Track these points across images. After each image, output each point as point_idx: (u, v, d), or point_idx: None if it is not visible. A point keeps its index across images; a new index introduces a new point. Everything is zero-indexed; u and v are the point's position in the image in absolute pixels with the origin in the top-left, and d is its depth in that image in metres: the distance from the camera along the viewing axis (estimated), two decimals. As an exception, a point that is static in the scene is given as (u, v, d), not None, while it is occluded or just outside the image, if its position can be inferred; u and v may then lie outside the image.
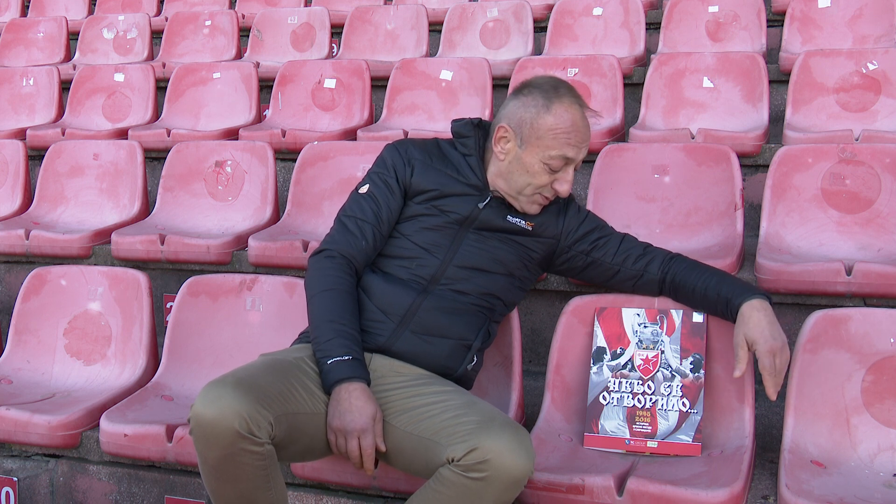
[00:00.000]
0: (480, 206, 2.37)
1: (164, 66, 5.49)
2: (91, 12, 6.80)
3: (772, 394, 2.21)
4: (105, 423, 2.61)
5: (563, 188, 2.33)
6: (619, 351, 2.46)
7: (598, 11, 5.05)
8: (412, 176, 2.38)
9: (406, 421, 2.13)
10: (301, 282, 2.64)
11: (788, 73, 4.06)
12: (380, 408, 2.13)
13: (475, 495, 1.96)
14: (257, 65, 5.15)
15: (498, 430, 1.97)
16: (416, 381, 2.23)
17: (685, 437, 2.34)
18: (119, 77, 5.05)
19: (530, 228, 2.40)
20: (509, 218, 2.38)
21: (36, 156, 4.48)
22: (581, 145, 2.31)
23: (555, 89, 2.32)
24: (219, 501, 2.09)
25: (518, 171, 2.33)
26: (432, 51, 5.40)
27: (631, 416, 2.39)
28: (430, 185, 2.37)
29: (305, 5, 6.14)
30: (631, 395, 2.41)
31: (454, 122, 2.47)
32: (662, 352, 2.43)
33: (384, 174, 2.41)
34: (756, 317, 2.24)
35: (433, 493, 2.01)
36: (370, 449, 2.09)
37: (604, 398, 2.42)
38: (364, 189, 2.40)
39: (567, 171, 2.32)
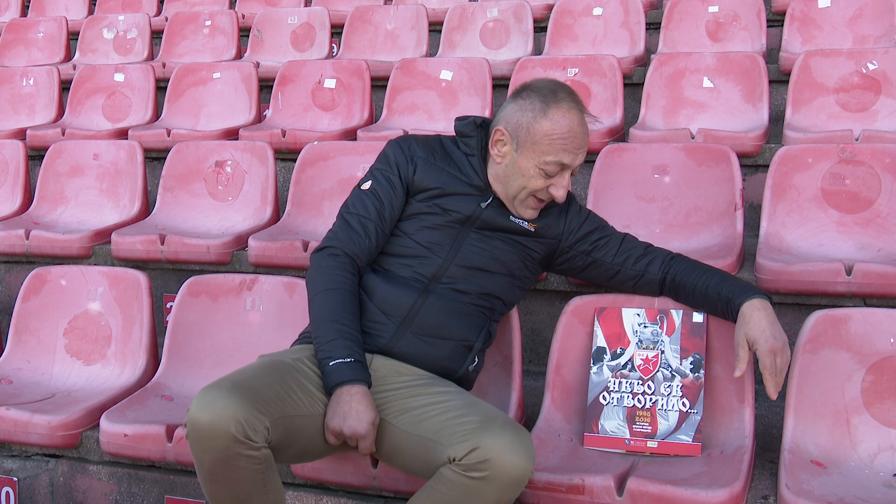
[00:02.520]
0: (483, 205, 2.37)
1: (164, 66, 5.49)
2: (91, 12, 6.80)
3: (772, 393, 2.21)
4: (105, 423, 2.61)
5: (559, 193, 2.32)
6: (619, 351, 2.46)
7: (598, 11, 5.05)
8: (415, 173, 2.38)
9: (406, 421, 2.13)
10: (301, 282, 2.64)
11: (788, 73, 4.06)
12: (378, 413, 2.13)
13: (476, 495, 1.96)
14: (257, 65, 5.15)
15: (499, 430, 1.97)
16: (417, 381, 2.23)
17: (685, 437, 2.34)
18: (119, 77, 5.05)
19: (532, 229, 2.40)
20: (512, 218, 2.38)
21: (36, 156, 4.48)
22: (578, 151, 2.29)
23: (553, 93, 2.30)
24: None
25: (514, 174, 2.32)
26: (432, 51, 5.40)
27: (631, 416, 2.39)
28: (432, 183, 2.37)
29: (305, 5, 6.14)
30: (631, 395, 2.41)
31: (457, 119, 2.47)
32: (662, 352, 2.42)
33: (387, 171, 2.40)
34: (757, 316, 2.23)
35: (434, 492, 2.01)
36: (366, 451, 2.10)
37: (604, 398, 2.42)
38: (367, 185, 2.39)
39: (563, 175, 2.31)
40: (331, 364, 2.13)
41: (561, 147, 2.27)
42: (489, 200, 2.37)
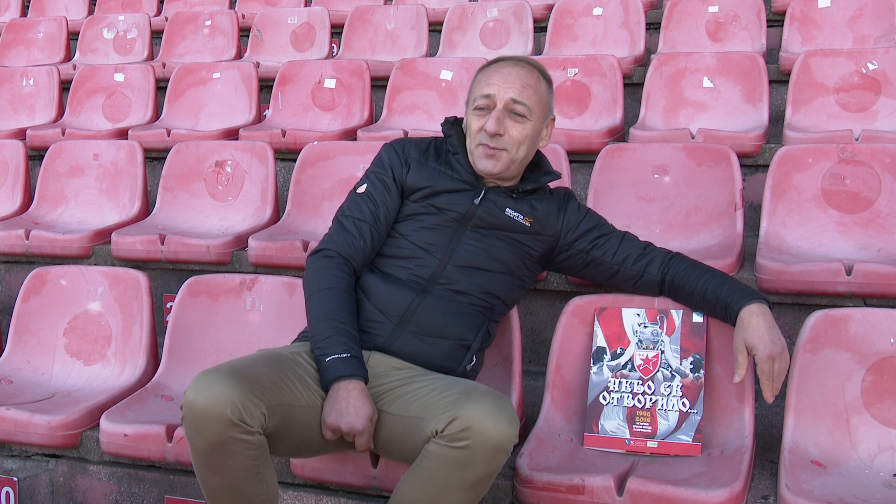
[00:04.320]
0: (476, 201, 2.37)
1: (164, 66, 5.49)
2: (91, 12, 6.81)
3: (768, 397, 2.22)
4: (105, 423, 2.61)
5: (489, 125, 2.32)
6: (619, 351, 2.46)
7: (598, 11, 5.05)
8: (408, 174, 2.40)
9: (398, 406, 2.15)
10: (301, 282, 2.64)
11: (788, 73, 4.06)
12: (375, 408, 2.13)
13: (461, 465, 1.96)
14: (257, 65, 5.15)
15: (479, 399, 1.98)
16: (413, 374, 2.23)
17: (685, 437, 2.34)
18: (119, 77, 5.05)
19: (528, 224, 2.40)
20: (508, 211, 2.38)
21: (36, 156, 4.47)
22: (503, 84, 2.33)
23: (498, 58, 2.43)
24: (209, 492, 2.09)
25: (468, 132, 2.39)
26: (432, 51, 5.40)
27: (631, 416, 2.39)
28: (423, 182, 2.38)
29: (305, 5, 6.14)
30: (631, 395, 2.41)
31: (442, 123, 2.50)
32: (662, 352, 2.42)
33: (381, 174, 2.42)
34: (755, 322, 2.23)
35: (421, 469, 2.02)
36: (363, 448, 2.11)
37: (604, 398, 2.42)
38: (362, 189, 2.41)
39: (494, 112, 2.32)
40: (327, 360, 2.14)
41: (485, 83, 2.36)
42: (482, 195, 2.38)
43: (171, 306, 2.92)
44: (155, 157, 4.39)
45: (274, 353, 2.20)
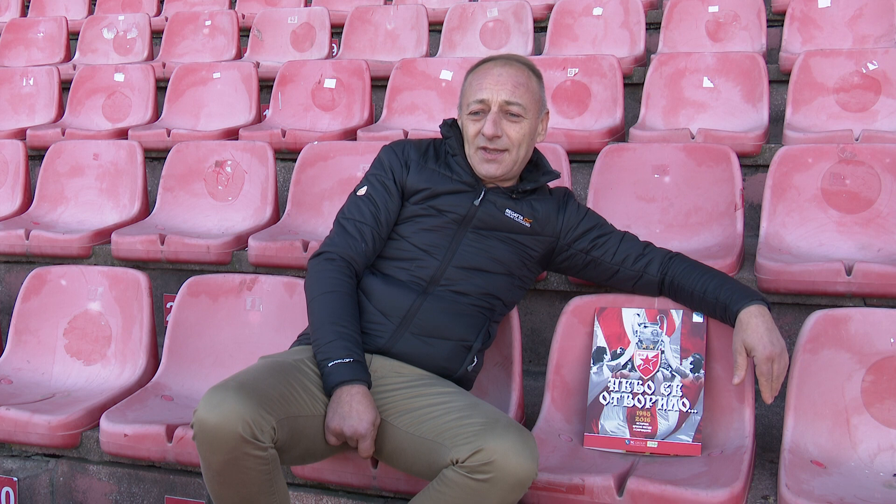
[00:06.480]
0: (476, 202, 2.37)
1: (164, 66, 5.49)
2: (91, 12, 6.81)
3: (767, 398, 2.22)
4: (105, 423, 2.61)
5: (486, 129, 2.32)
6: (619, 351, 2.46)
7: (598, 11, 5.05)
8: (408, 176, 2.40)
9: (408, 422, 2.13)
10: (301, 282, 2.64)
11: (788, 73, 4.07)
12: (378, 412, 2.13)
13: (479, 496, 1.96)
14: (257, 65, 5.15)
15: (503, 432, 1.97)
16: (417, 381, 2.23)
17: (685, 437, 2.34)
18: (119, 77, 5.05)
19: (528, 225, 2.40)
20: (507, 212, 2.38)
21: (36, 156, 4.48)
22: (496, 87, 2.32)
23: (485, 59, 2.42)
24: None
25: (464, 137, 2.39)
26: (432, 51, 5.40)
27: (631, 416, 2.39)
28: (423, 184, 2.38)
29: (305, 5, 6.14)
30: (631, 395, 2.41)
31: (441, 125, 2.50)
32: (662, 352, 2.42)
33: (381, 176, 2.42)
34: (754, 323, 2.23)
35: (437, 493, 2.01)
36: (367, 453, 2.10)
37: (604, 398, 2.42)
38: (362, 191, 2.41)
39: (490, 115, 2.32)
40: (330, 365, 2.14)
41: (477, 88, 2.35)
42: (482, 196, 2.38)
43: (171, 306, 2.92)
44: (155, 157, 4.39)
45: (278, 363, 2.19)
